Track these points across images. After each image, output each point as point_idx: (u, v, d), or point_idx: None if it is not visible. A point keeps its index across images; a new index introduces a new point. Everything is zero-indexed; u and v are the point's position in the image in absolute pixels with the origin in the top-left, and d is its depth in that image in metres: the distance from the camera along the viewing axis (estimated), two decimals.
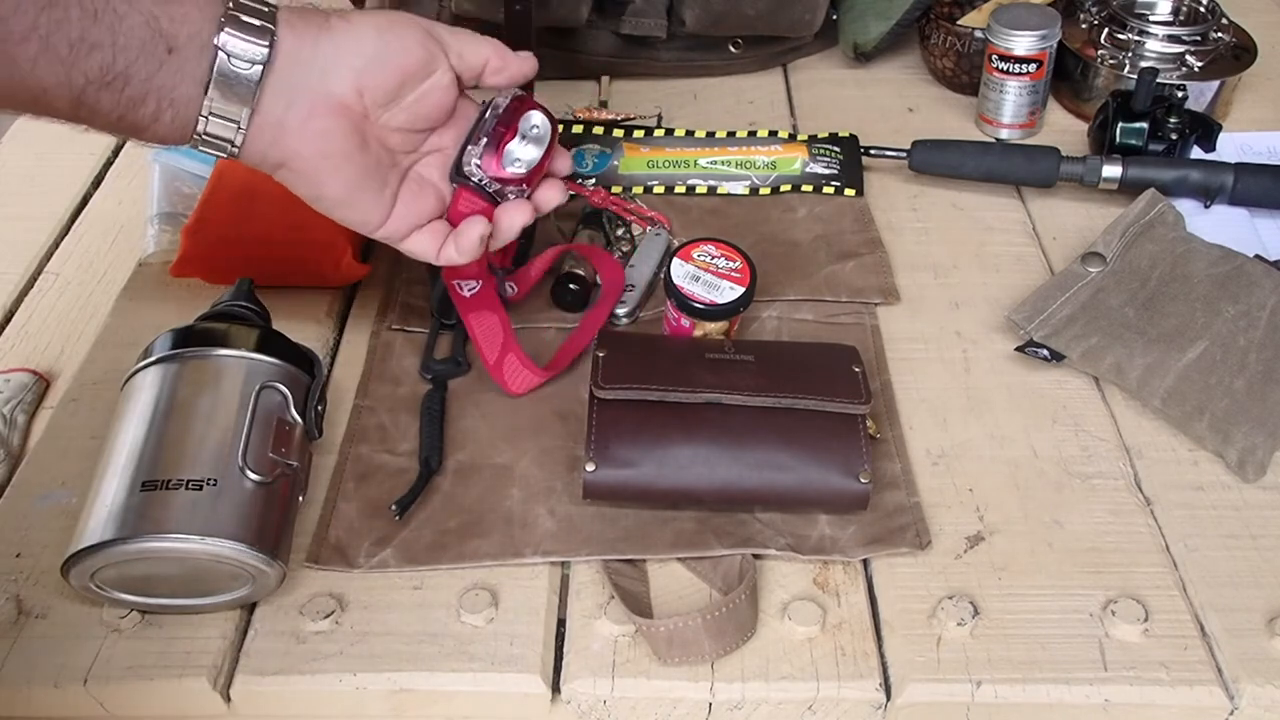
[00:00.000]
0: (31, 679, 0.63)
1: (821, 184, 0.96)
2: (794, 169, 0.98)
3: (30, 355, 0.85)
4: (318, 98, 0.63)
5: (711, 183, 0.96)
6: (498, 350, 0.79)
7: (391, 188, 0.68)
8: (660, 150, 1.00)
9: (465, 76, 0.69)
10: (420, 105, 0.67)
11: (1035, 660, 0.64)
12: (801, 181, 0.97)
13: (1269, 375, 0.76)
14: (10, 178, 1.03)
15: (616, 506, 0.71)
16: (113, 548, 0.60)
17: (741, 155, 0.99)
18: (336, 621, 0.65)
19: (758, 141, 1.01)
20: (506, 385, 0.78)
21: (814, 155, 0.99)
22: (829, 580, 0.68)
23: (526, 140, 0.70)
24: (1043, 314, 0.82)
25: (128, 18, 0.56)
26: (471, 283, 0.79)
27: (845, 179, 0.97)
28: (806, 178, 0.97)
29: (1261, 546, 0.70)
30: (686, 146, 1.01)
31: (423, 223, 0.70)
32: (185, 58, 0.59)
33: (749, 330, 0.84)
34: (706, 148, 1.01)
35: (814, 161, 0.98)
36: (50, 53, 0.55)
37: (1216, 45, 1.05)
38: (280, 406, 0.68)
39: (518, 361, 0.79)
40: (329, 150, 0.64)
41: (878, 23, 1.11)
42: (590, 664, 0.64)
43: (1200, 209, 0.93)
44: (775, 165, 0.98)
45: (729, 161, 0.99)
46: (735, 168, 0.98)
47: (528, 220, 0.71)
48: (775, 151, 0.99)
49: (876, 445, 0.75)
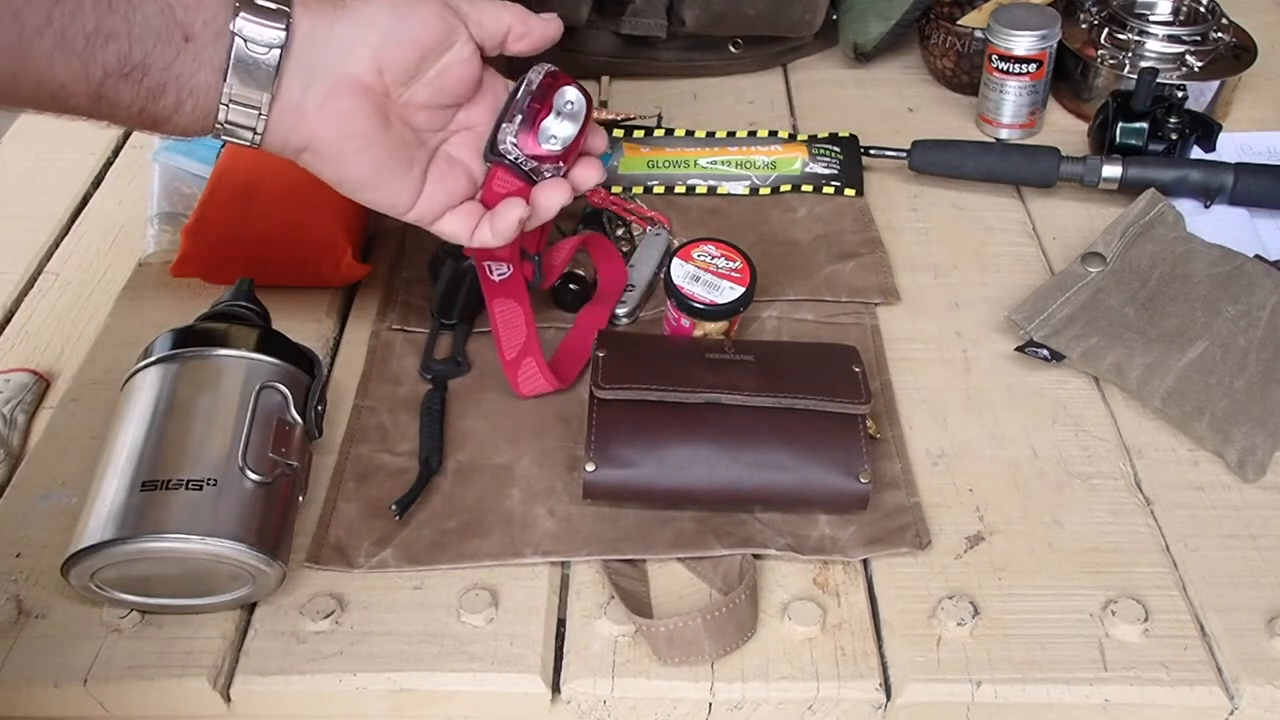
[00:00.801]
0: (31, 679, 0.63)
1: (821, 184, 0.96)
2: (794, 169, 0.98)
3: (30, 355, 0.85)
4: (336, 78, 0.62)
5: (711, 183, 0.97)
6: (518, 348, 0.78)
7: (420, 167, 0.67)
8: (660, 150, 1.00)
9: (487, 45, 0.67)
10: (443, 80, 0.65)
11: (1035, 660, 0.64)
12: (801, 181, 0.97)
13: (1269, 375, 0.76)
14: (10, 178, 1.03)
15: (616, 506, 0.71)
16: (113, 548, 0.60)
17: (741, 155, 0.99)
18: (336, 621, 0.65)
19: (757, 141, 1.01)
20: (517, 386, 0.78)
21: (814, 155, 0.99)
22: (829, 580, 0.68)
23: (562, 116, 0.68)
24: (1043, 314, 0.82)
25: (142, 7, 0.56)
26: (502, 267, 0.76)
27: (845, 179, 0.97)
28: (806, 177, 0.97)
29: (1261, 546, 0.70)
30: (686, 146, 1.01)
31: (455, 203, 0.68)
32: (202, 44, 0.58)
33: (749, 330, 0.84)
34: (706, 148, 1.01)
35: (814, 161, 0.98)
36: (66, 46, 0.55)
37: (1216, 45, 1.05)
38: (280, 406, 0.68)
39: (535, 367, 0.78)
40: (351, 131, 0.63)
41: (878, 23, 1.11)
42: (590, 664, 0.64)
43: (1200, 209, 0.93)
44: (775, 165, 0.98)
45: (729, 161, 0.99)
46: (735, 168, 0.98)
47: (566, 199, 0.69)
48: (775, 151, 0.99)
49: (876, 445, 0.75)
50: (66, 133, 1.07)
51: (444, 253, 0.88)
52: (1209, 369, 0.77)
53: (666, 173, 0.98)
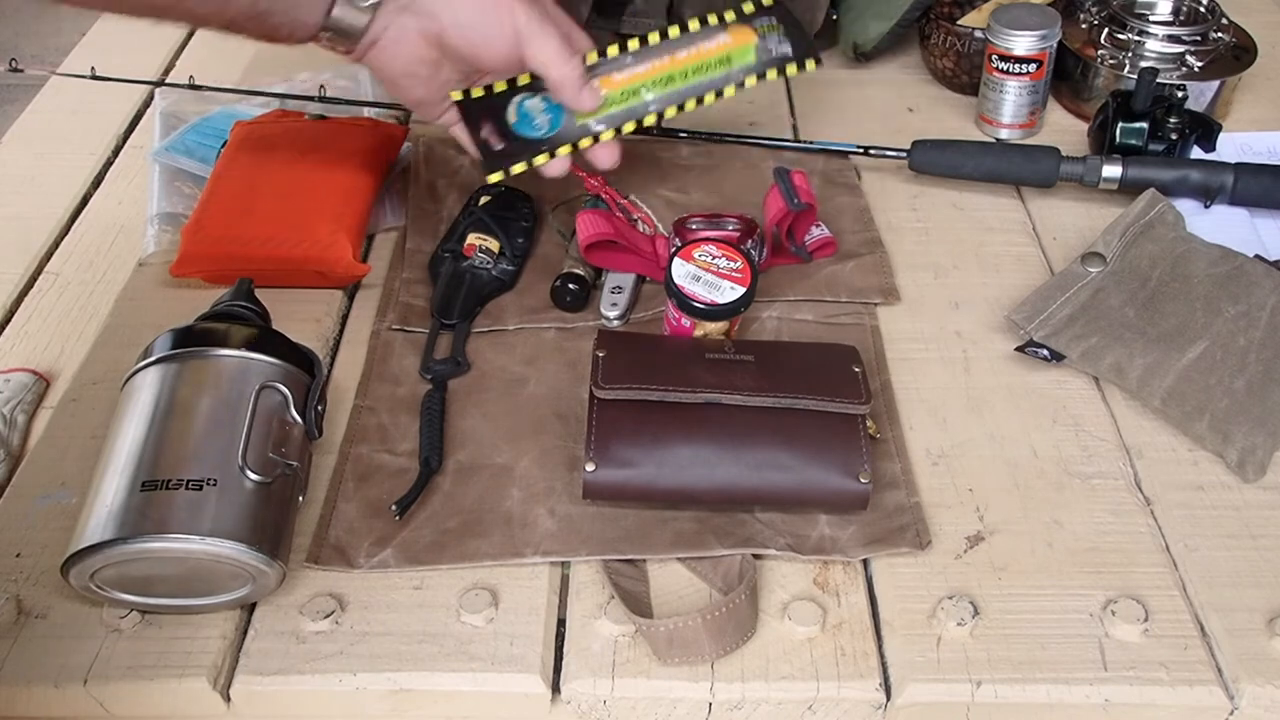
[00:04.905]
0: (31, 679, 0.63)
1: (784, 65, 0.86)
2: (749, 60, 0.86)
3: (30, 355, 0.85)
4: (410, 28, 0.75)
5: (672, 104, 0.85)
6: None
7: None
8: (609, 81, 0.84)
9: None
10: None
11: (1035, 660, 0.64)
12: (763, 70, 0.86)
13: (1269, 375, 0.76)
14: (10, 178, 1.03)
15: (616, 506, 0.71)
16: (113, 548, 0.60)
17: (693, 61, 0.86)
18: (336, 621, 0.65)
19: (702, 36, 0.86)
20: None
21: (763, 35, 0.87)
22: (829, 580, 0.68)
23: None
24: (1043, 314, 0.82)
25: None
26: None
27: (801, 50, 0.87)
28: (764, 65, 0.86)
29: (1261, 546, 0.70)
30: (635, 68, 0.85)
31: None
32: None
33: (749, 330, 0.84)
34: (654, 61, 0.85)
35: (767, 40, 0.87)
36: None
37: (1216, 45, 1.05)
38: (280, 406, 0.68)
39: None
40: (409, 70, 0.77)
41: (878, 23, 1.11)
42: (590, 664, 0.64)
43: (1200, 209, 0.93)
44: (730, 59, 0.86)
45: (683, 72, 0.86)
46: (691, 76, 0.86)
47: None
48: (724, 45, 0.86)
49: (876, 445, 0.75)
50: (66, 133, 1.08)
51: (444, 252, 0.88)
52: (1209, 369, 0.77)
53: (624, 107, 0.84)
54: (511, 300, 0.87)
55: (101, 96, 1.10)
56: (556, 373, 0.81)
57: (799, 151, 1.01)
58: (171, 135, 1.01)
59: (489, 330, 0.84)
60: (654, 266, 0.87)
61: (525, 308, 0.86)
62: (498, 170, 0.82)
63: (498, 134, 0.82)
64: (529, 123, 0.83)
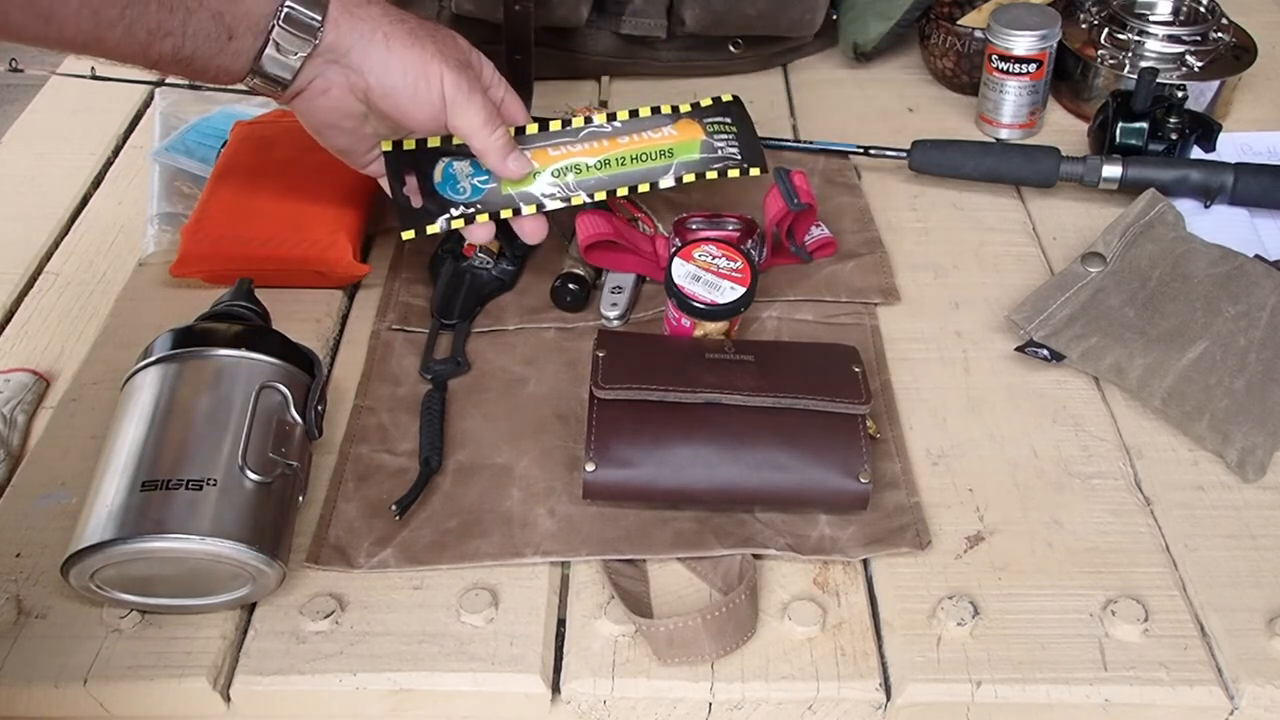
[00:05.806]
0: (31, 679, 0.63)
1: (727, 167, 0.84)
2: (693, 156, 0.84)
3: (30, 355, 0.85)
4: (337, 82, 0.74)
5: (604, 188, 0.82)
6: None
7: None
8: (543, 155, 0.82)
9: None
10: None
11: (1035, 660, 0.64)
12: (704, 167, 0.83)
13: (1269, 375, 0.76)
14: (10, 178, 1.03)
15: (616, 506, 0.71)
16: (113, 548, 0.60)
17: (635, 149, 0.84)
18: (336, 621, 0.65)
19: (649, 125, 0.85)
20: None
21: (711, 133, 0.85)
22: (829, 580, 0.68)
23: None
24: (1043, 314, 0.82)
25: (197, 13, 0.66)
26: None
27: (747, 156, 0.85)
28: (707, 162, 0.84)
29: (1261, 546, 0.70)
30: (573, 145, 0.83)
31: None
32: (243, 45, 0.69)
33: (749, 330, 0.84)
34: (595, 142, 0.83)
35: (714, 139, 0.85)
36: (131, 38, 0.65)
37: (1216, 45, 1.05)
38: (280, 406, 0.68)
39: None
40: (331, 122, 0.76)
41: (878, 23, 1.11)
42: (590, 664, 0.64)
43: (1200, 209, 0.93)
44: (673, 152, 0.84)
45: (621, 158, 0.83)
46: (629, 163, 0.83)
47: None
48: (670, 137, 0.85)
49: (876, 445, 0.75)
50: (66, 133, 1.08)
51: (444, 252, 0.88)
52: (1209, 369, 0.77)
53: (557, 183, 0.81)
54: (511, 300, 0.87)
55: (101, 96, 1.09)
56: (556, 373, 0.81)
57: (799, 151, 1.01)
58: (171, 135, 1.01)
59: (489, 330, 0.84)
60: (654, 266, 0.87)
61: (525, 308, 0.86)
62: (411, 228, 0.79)
63: (419, 191, 0.79)
64: (453, 184, 0.80)
